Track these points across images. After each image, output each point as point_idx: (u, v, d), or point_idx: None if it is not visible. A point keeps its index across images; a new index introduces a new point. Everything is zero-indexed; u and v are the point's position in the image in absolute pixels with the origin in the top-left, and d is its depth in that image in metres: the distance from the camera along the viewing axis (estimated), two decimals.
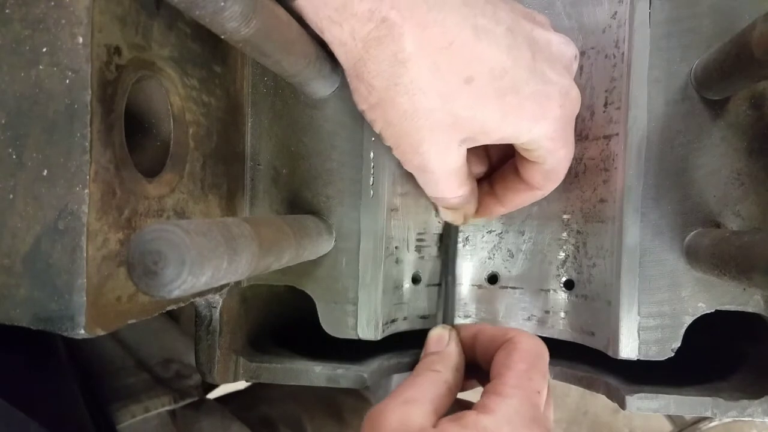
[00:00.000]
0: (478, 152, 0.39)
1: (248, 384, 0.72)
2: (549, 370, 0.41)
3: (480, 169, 0.40)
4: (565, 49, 0.33)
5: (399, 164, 0.34)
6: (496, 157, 0.40)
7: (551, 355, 0.42)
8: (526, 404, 0.30)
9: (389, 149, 0.33)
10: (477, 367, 0.36)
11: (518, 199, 0.38)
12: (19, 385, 0.37)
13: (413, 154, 0.32)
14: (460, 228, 0.42)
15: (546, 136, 0.32)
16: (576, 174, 0.41)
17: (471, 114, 0.30)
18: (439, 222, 0.42)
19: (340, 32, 0.29)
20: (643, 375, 0.39)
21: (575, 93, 0.33)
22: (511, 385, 0.31)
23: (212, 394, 0.65)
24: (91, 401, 0.45)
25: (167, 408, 0.51)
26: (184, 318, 0.58)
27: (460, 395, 0.35)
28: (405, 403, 0.30)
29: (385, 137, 0.32)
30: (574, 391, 1.23)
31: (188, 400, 0.54)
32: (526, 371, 0.32)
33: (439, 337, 0.37)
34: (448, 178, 0.34)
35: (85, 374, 0.48)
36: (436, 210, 0.40)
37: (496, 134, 0.32)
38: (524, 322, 0.43)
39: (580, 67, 0.40)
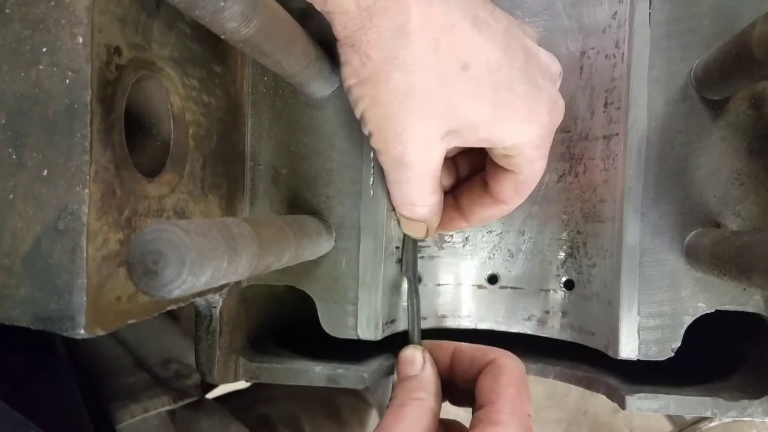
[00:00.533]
0: (447, 164, 0.38)
1: (247, 383, 0.72)
2: (549, 371, 0.42)
3: (447, 181, 0.39)
4: (552, 63, 0.34)
5: None
6: (464, 171, 0.39)
7: (551, 355, 0.43)
8: (522, 429, 0.30)
9: (368, 138, 0.32)
10: (450, 385, 0.36)
11: (483, 213, 0.37)
12: (18, 385, 0.37)
13: (395, 140, 0.31)
14: (426, 238, 0.40)
15: (531, 143, 0.32)
16: (576, 174, 0.41)
17: (463, 103, 0.30)
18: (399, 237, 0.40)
19: (345, 0, 0.28)
20: (643, 375, 0.39)
21: (562, 104, 0.33)
22: (505, 413, 0.30)
23: (210, 394, 0.65)
24: (90, 401, 0.45)
25: (167, 408, 0.51)
26: (184, 318, 0.58)
27: None
28: None
29: (367, 119, 0.31)
30: (574, 391, 1.23)
31: (187, 400, 0.54)
32: (517, 396, 0.31)
33: (412, 358, 0.35)
34: (423, 177, 0.33)
35: (85, 374, 0.48)
36: (398, 221, 0.38)
37: (483, 131, 0.31)
38: (524, 322, 0.43)
39: (580, 67, 0.40)
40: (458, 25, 0.29)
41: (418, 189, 0.34)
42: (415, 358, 0.35)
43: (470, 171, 0.39)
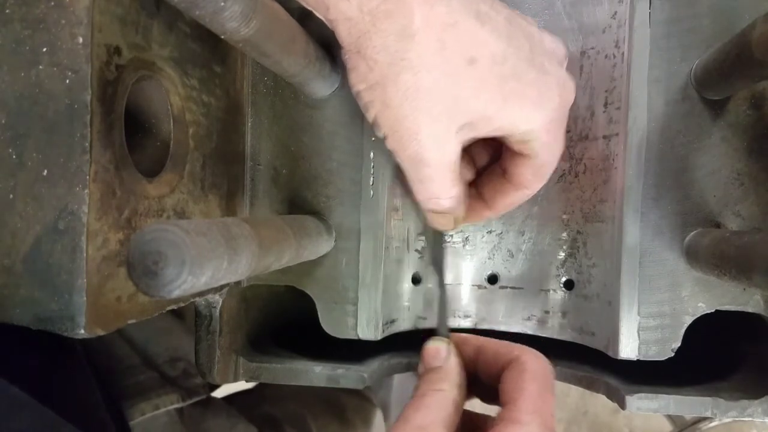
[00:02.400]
0: (465, 158, 0.38)
1: (254, 383, 0.72)
2: None
3: (467, 175, 0.39)
4: (557, 46, 0.34)
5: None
6: (482, 161, 0.39)
7: (551, 355, 0.43)
8: (544, 429, 0.30)
9: (382, 141, 0.32)
10: (475, 379, 0.35)
11: (506, 200, 0.37)
12: (45, 384, 0.37)
13: (410, 140, 0.31)
14: (454, 230, 0.41)
15: (543, 127, 0.33)
16: (576, 174, 0.41)
17: (473, 97, 0.30)
18: (421, 235, 0.40)
19: (348, 7, 0.28)
20: (643, 375, 0.39)
21: (571, 85, 0.33)
22: (528, 411, 0.30)
23: (215, 393, 0.65)
24: (106, 398, 0.45)
25: (175, 406, 0.51)
26: (190, 317, 0.58)
27: None
28: (419, 430, 0.30)
29: (380, 122, 0.31)
30: (574, 391, 1.23)
31: (196, 399, 0.54)
32: (540, 394, 0.31)
33: (437, 350, 0.35)
34: (443, 172, 0.33)
35: (97, 372, 0.48)
36: (425, 219, 0.38)
37: (496, 121, 0.32)
38: (524, 322, 0.43)
39: (580, 67, 0.40)
40: (461, 22, 0.29)
41: (440, 183, 0.34)
42: (440, 349, 0.35)
43: (488, 161, 0.39)
